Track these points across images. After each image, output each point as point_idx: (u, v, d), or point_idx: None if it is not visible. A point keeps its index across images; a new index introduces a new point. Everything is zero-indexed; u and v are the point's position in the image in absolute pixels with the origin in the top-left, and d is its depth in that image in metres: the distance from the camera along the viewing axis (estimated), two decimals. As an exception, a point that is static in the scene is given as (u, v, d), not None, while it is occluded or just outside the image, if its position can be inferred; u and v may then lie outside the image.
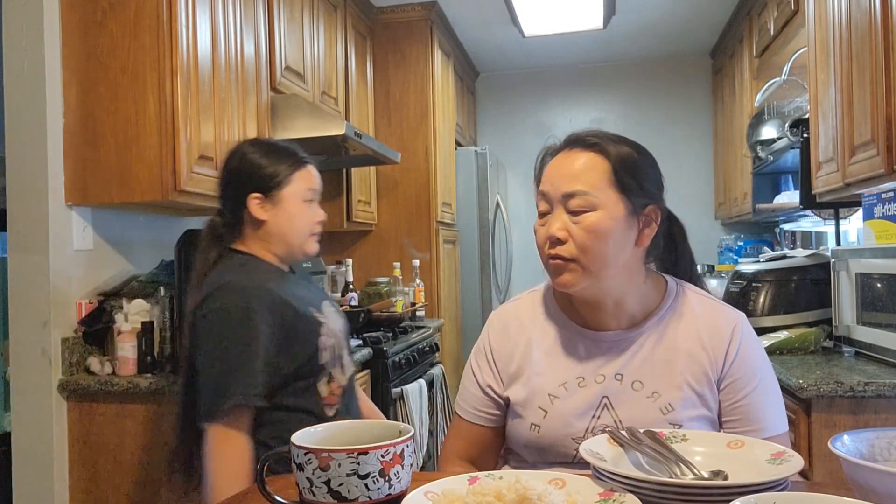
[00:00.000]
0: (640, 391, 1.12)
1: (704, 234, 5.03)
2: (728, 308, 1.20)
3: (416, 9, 3.89)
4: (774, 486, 0.77)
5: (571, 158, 1.14)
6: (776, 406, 1.16)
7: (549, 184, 1.13)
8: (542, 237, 1.14)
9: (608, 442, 0.93)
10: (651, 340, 1.15)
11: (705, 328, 1.15)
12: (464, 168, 4.39)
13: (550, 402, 1.14)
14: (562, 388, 1.15)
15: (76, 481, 2.04)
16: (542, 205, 1.14)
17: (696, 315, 1.17)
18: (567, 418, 1.12)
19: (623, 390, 1.12)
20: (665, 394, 1.11)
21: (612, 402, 1.12)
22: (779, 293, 2.40)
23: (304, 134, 2.61)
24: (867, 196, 2.25)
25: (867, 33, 1.98)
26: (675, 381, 1.11)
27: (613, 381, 1.13)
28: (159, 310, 2.14)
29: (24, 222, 2.03)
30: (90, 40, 2.04)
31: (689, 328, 1.15)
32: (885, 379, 1.77)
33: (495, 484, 0.80)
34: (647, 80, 5.22)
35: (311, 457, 0.79)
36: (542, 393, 1.16)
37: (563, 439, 1.12)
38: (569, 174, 1.12)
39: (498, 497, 0.76)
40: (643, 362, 1.13)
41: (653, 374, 1.12)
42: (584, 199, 1.10)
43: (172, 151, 1.99)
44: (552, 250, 1.11)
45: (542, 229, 1.14)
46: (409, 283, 3.68)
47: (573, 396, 1.14)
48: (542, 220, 1.14)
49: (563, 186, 1.11)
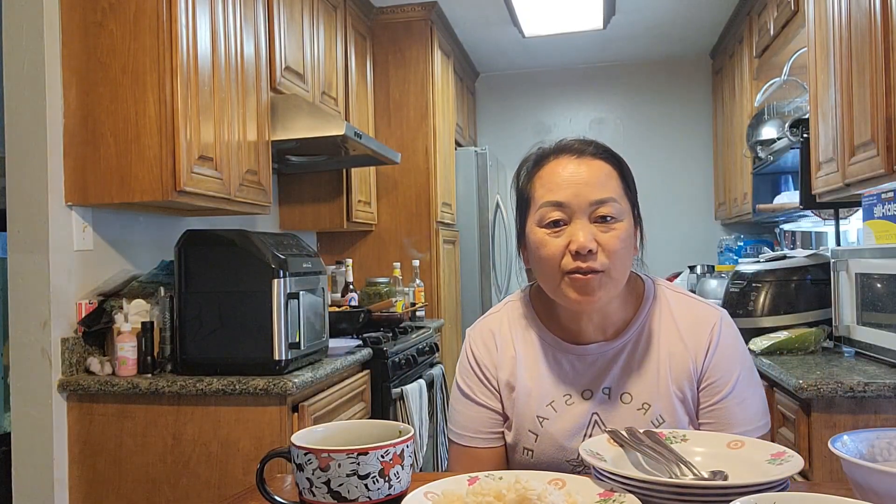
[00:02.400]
0: (630, 403, 1.09)
1: (704, 234, 5.04)
2: (707, 305, 1.16)
3: (416, 9, 3.89)
4: (774, 486, 0.77)
5: (586, 165, 1.08)
6: (753, 408, 1.10)
7: (566, 192, 1.06)
8: (557, 249, 1.05)
9: (608, 442, 0.93)
10: (634, 348, 1.12)
11: (685, 327, 1.12)
12: (464, 168, 4.39)
13: (540, 424, 1.11)
14: (549, 409, 1.11)
15: (76, 481, 2.04)
16: (555, 214, 1.06)
17: (674, 316, 1.13)
18: (559, 441, 1.10)
19: (612, 405, 1.09)
20: (654, 403, 1.08)
21: (602, 419, 1.09)
22: (779, 293, 2.39)
23: (304, 134, 2.62)
24: (867, 196, 2.25)
25: (867, 33, 1.98)
26: (662, 389, 1.09)
27: (601, 396, 1.10)
28: (159, 310, 2.14)
29: (24, 222, 2.03)
30: (90, 40, 2.04)
31: (670, 329, 1.12)
32: (885, 379, 1.77)
33: (495, 484, 0.80)
34: (647, 80, 5.22)
35: (311, 457, 0.79)
36: (530, 416, 1.12)
37: (557, 463, 1.10)
38: (593, 181, 1.06)
39: (498, 497, 0.76)
40: (629, 373, 1.10)
41: (640, 384, 1.10)
42: (614, 206, 1.05)
43: (172, 151, 1.99)
44: (581, 262, 1.03)
45: (556, 241, 1.05)
46: (409, 283, 3.68)
47: (562, 416, 1.11)
48: (556, 231, 1.06)
49: (589, 195, 1.05)
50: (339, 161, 3.27)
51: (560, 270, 1.05)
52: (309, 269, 2.20)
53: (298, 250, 2.21)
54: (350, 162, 3.33)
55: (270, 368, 2.01)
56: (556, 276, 1.06)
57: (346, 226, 3.45)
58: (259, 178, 2.48)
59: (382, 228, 3.92)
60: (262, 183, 2.50)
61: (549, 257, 1.06)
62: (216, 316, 2.04)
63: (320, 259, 2.36)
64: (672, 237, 4.98)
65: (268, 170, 2.56)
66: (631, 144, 5.16)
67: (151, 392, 1.99)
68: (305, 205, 3.43)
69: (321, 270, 2.33)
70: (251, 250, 2.03)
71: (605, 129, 5.21)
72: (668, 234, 4.98)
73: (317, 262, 2.30)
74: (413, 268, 3.72)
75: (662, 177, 5.13)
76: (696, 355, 1.10)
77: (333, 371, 2.27)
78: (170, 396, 2.00)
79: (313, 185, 3.41)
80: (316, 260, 2.29)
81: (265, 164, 2.53)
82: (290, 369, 2.06)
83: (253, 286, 2.02)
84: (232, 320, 2.04)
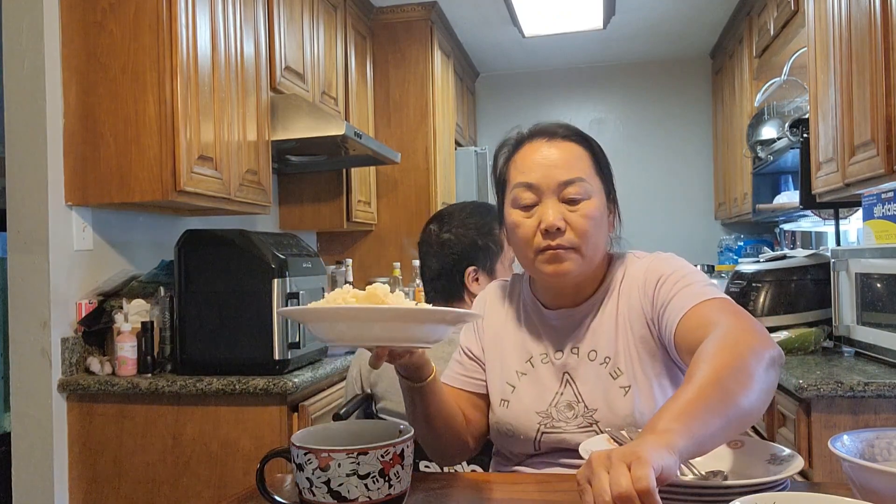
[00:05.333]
0: (595, 360, 1.14)
1: (704, 234, 5.03)
2: (662, 252, 1.20)
3: (416, 9, 3.89)
4: (774, 486, 0.77)
5: (556, 147, 1.13)
6: (698, 283, 1.08)
7: (537, 173, 1.11)
8: (530, 229, 1.11)
9: (608, 442, 0.93)
10: (601, 309, 1.17)
11: (641, 275, 1.15)
12: (464, 168, 4.39)
13: (518, 378, 1.19)
14: (528, 364, 1.19)
15: (76, 481, 2.04)
16: (527, 196, 1.12)
17: (635, 269, 1.17)
18: (532, 395, 1.16)
19: (580, 363, 1.15)
20: (614, 357, 1.13)
21: (572, 377, 1.15)
22: (779, 293, 2.39)
23: (304, 134, 2.62)
24: (867, 196, 2.25)
25: (867, 33, 1.98)
26: (621, 341, 1.13)
27: (571, 356, 1.16)
28: (159, 310, 2.14)
29: (24, 222, 2.03)
30: (90, 40, 2.04)
31: (631, 284, 1.16)
32: (885, 379, 1.77)
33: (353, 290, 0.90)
34: (647, 80, 5.22)
35: (311, 457, 0.79)
36: (509, 370, 1.20)
37: (527, 415, 1.15)
38: (561, 163, 1.11)
39: (354, 296, 0.87)
40: (594, 331, 1.16)
41: (603, 340, 1.14)
42: (582, 186, 1.10)
43: (172, 151, 1.99)
44: (551, 241, 1.09)
45: (528, 221, 1.11)
46: (409, 283, 3.68)
47: (538, 372, 1.17)
48: (529, 213, 1.12)
49: (558, 175, 1.10)
50: (338, 161, 3.27)
51: (533, 248, 1.11)
52: (309, 269, 2.20)
53: (298, 250, 2.21)
54: (350, 162, 3.33)
55: (270, 368, 2.01)
56: (531, 254, 1.12)
57: (346, 226, 3.45)
58: (259, 178, 2.48)
59: (382, 228, 3.92)
60: (261, 183, 2.50)
61: (522, 236, 1.12)
62: (216, 316, 2.04)
63: (320, 259, 2.36)
64: (672, 237, 4.98)
65: (268, 170, 2.56)
66: (631, 144, 5.16)
67: (151, 392, 1.99)
68: (305, 205, 3.43)
69: (321, 270, 2.33)
70: (251, 250, 2.03)
71: (605, 129, 5.21)
72: (668, 233, 4.97)
73: (317, 262, 2.30)
74: (413, 268, 3.71)
75: (662, 177, 5.14)
76: (646, 292, 1.13)
77: (333, 371, 2.27)
78: (170, 396, 2.00)
79: (313, 185, 3.41)
80: (316, 260, 2.30)
81: (265, 164, 2.53)
82: (289, 369, 2.06)
83: (253, 286, 2.02)
84: (232, 320, 2.03)
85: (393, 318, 0.85)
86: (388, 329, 0.85)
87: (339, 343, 0.89)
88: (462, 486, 1.04)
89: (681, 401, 0.79)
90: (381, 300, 0.87)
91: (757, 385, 0.84)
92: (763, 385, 0.86)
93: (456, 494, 1.00)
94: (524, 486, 1.02)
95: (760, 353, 0.88)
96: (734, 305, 1.04)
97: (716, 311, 1.00)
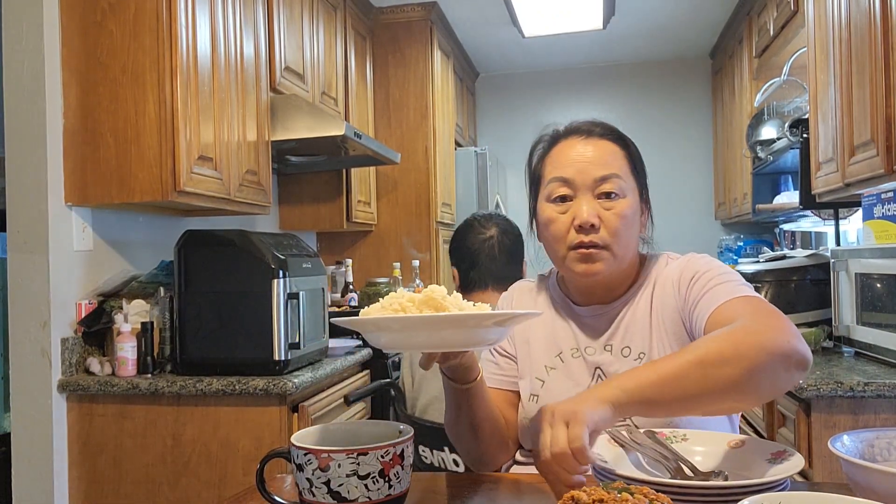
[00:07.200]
0: (629, 356, 1.14)
1: (704, 234, 5.03)
2: (696, 253, 1.19)
3: (416, 9, 3.89)
4: (775, 486, 0.77)
5: (592, 145, 1.13)
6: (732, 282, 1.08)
7: (572, 169, 1.11)
8: (563, 225, 1.10)
9: (608, 442, 0.93)
10: (634, 305, 1.16)
11: (677, 273, 1.14)
12: (463, 168, 4.39)
13: (547, 372, 1.18)
14: (557, 359, 1.18)
15: (76, 481, 2.04)
16: (563, 189, 1.11)
17: (670, 269, 1.16)
18: (563, 389, 1.15)
19: (614, 359, 1.14)
20: (649, 353, 1.12)
21: (605, 372, 1.14)
22: (779, 293, 2.40)
23: (303, 134, 2.62)
24: (867, 196, 2.25)
25: (867, 33, 1.98)
26: (656, 337, 1.12)
27: (604, 353, 1.15)
28: (159, 310, 2.14)
29: (24, 222, 2.03)
30: (90, 41, 2.04)
31: (665, 281, 1.15)
32: (885, 379, 1.77)
33: (409, 293, 0.89)
34: (646, 80, 5.22)
35: (310, 457, 0.79)
36: (539, 365, 1.19)
37: None
38: (597, 160, 1.11)
39: (411, 300, 0.86)
40: (628, 328, 1.15)
41: (637, 337, 1.14)
42: (617, 182, 1.10)
43: (172, 152, 1.99)
44: (584, 237, 1.08)
45: (562, 217, 1.11)
46: (409, 283, 3.67)
47: (568, 366, 1.17)
48: (563, 207, 1.11)
49: (594, 172, 1.10)
50: (338, 161, 3.27)
51: (566, 244, 1.11)
52: (309, 269, 2.20)
53: (298, 250, 2.21)
54: (350, 162, 3.33)
55: (270, 369, 2.01)
56: (563, 250, 1.12)
57: (345, 226, 3.45)
58: (259, 178, 2.48)
59: (382, 228, 3.92)
60: (261, 183, 2.50)
61: (555, 232, 1.12)
62: (216, 316, 2.04)
63: (320, 259, 2.36)
64: (672, 237, 4.96)
65: (267, 170, 2.56)
66: (631, 144, 5.16)
67: (151, 392, 1.99)
68: (305, 205, 3.43)
69: (321, 271, 2.33)
70: (251, 250, 2.03)
71: (604, 129, 5.21)
72: (668, 233, 4.93)
73: (317, 262, 2.30)
74: (413, 268, 3.71)
75: (662, 177, 5.12)
76: (681, 288, 1.12)
77: (333, 371, 2.27)
78: (169, 397, 2.00)
79: (313, 185, 3.41)
80: (316, 260, 2.30)
81: (265, 164, 2.53)
82: (289, 369, 2.06)
83: (253, 286, 2.02)
84: (232, 320, 2.03)
85: (461, 325, 0.82)
86: (455, 335, 0.83)
87: (399, 350, 0.87)
88: (462, 485, 1.04)
89: (654, 365, 0.85)
90: (440, 304, 0.85)
91: (751, 375, 0.85)
92: (762, 377, 0.86)
93: (456, 494, 1.00)
94: (529, 486, 1.01)
95: (773, 348, 0.88)
96: (768, 305, 1.03)
97: (746, 307, 1.00)
